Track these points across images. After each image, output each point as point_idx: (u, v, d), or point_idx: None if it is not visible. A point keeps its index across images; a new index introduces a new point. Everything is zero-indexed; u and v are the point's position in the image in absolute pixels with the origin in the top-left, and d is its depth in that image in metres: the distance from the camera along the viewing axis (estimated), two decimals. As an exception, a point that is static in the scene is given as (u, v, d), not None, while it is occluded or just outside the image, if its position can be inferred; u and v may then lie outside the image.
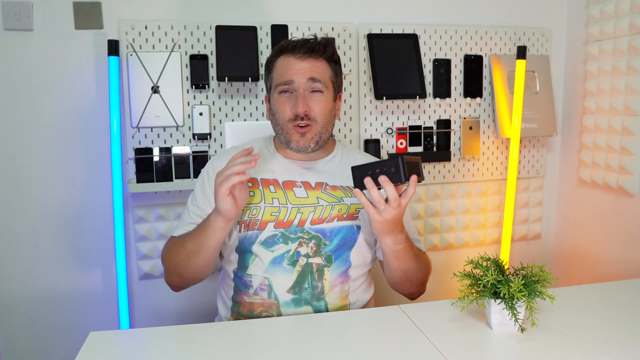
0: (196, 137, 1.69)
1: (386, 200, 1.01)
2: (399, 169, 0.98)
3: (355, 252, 1.18)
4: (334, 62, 1.21)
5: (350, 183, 1.22)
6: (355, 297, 1.20)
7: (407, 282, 1.19)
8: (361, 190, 1.02)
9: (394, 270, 1.16)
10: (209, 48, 1.69)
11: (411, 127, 1.87)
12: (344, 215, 1.18)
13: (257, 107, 1.75)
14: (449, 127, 1.90)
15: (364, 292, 1.23)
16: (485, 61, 1.92)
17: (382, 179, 0.98)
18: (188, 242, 1.13)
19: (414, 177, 1.00)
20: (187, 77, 1.68)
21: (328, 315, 1.12)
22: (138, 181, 1.64)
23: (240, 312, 1.18)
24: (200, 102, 1.70)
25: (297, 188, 1.19)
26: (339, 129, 1.83)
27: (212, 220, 1.08)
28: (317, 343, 0.97)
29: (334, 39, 1.77)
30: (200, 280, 1.19)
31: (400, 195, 1.01)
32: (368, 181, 1.00)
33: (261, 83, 1.73)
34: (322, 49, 1.17)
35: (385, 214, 1.02)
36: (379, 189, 1.00)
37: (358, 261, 1.18)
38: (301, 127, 1.16)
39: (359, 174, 1.02)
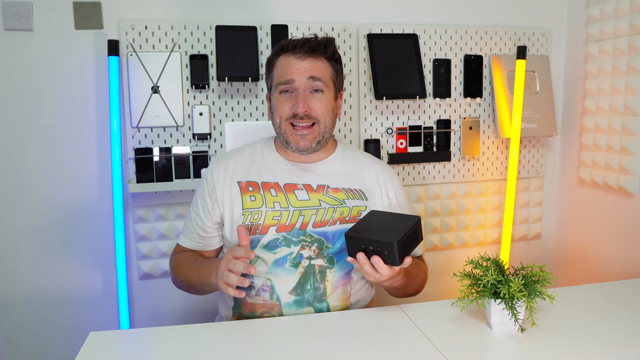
0: (196, 137, 1.69)
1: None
2: (394, 254, 0.96)
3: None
4: (335, 61, 1.21)
5: (352, 185, 1.22)
6: (357, 299, 1.20)
7: (402, 293, 1.22)
8: (354, 258, 1.01)
9: (389, 291, 1.21)
10: (209, 48, 1.69)
11: (411, 127, 1.87)
12: (346, 218, 1.18)
13: (257, 107, 1.75)
14: (449, 127, 1.90)
15: (365, 293, 1.23)
16: (485, 61, 1.92)
17: (375, 260, 0.98)
18: (190, 278, 1.18)
19: (408, 260, 0.99)
20: (187, 77, 1.68)
21: (328, 315, 1.12)
22: (138, 181, 1.64)
23: (242, 312, 1.17)
24: (200, 102, 1.70)
25: (298, 191, 1.19)
26: (339, 129, 1.83)
27: (211, 282, 1.10)
28: (317, 343, 0.97)
29: (334, 38, 1.77)
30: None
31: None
32: (361, 258, 0.99)
33: (261, 83, 1.73)
34: (323, 48, 1.18)
35: (379, 280, 1.04)
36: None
37: None
38: (301, 126, 1.16)
39: (353, 245, 1.00)
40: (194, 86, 1.67)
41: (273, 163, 1.22)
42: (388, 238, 0.96)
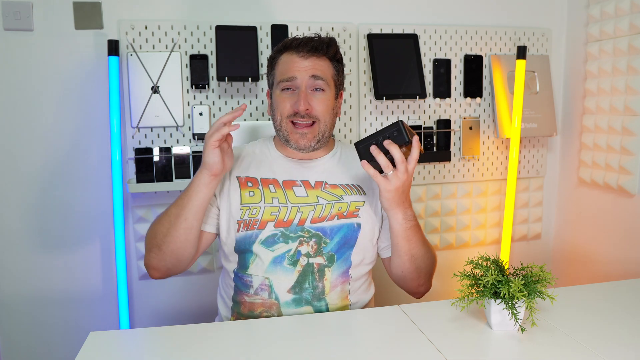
0: (196, 137, 1.69)
1: (394, 166, 1.04)
2: (401, 131, 1.02)
3: (356, 251, 1.18)
4: (337, 61, 1.22)
5: (350, 181, 1.22)
6: (356, 298, 1.20)
7: (415, 271, 1.17)
8: (368, 162, 1.05)
9: (404, 254, 1.14)
10: (209, 48, 1.69)
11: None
12: (344, 214, 1.18)
13: (257, 107, 1.75)
14: (449, 127, 1.90)
15: (364, 292, 1.23)
16: (485, 61, 1.92)
17: (387, 142, 1.02)
18: (171, 207, 1.13)
19: (416, 138, 1.05)
20: (187, 77, 1.68)
21: (328, 315, 1.12)
22: (138, 181, 1.64)
23: (241, 312, 1.18)
24: (200, 102, 1.70)
25: (296, 187, 1.19)
26: (339, 129, 1.83)
27: (197, 176, 1.09)
28: (317, 343, 0.97)
29: (334, 38, 1.77)
30: (178, 260, 1.13)
31: (406, 160, 1.04)
32: (374, 149, 1.03)
33: (261, 83, 1.73)
34: (326, 47, 1.19)
35: (394, 180, 1.04)
36: (387, 156, 1.03)
37: (358, 260, 1.18)
38: (301, 125, 1.16)
39: (364, 145, 1.06)
40: (194, 86, 1.67)
41: (272, 160, 1.23)
42: (392, 124, 1.03)
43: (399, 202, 1.08)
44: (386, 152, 1.03)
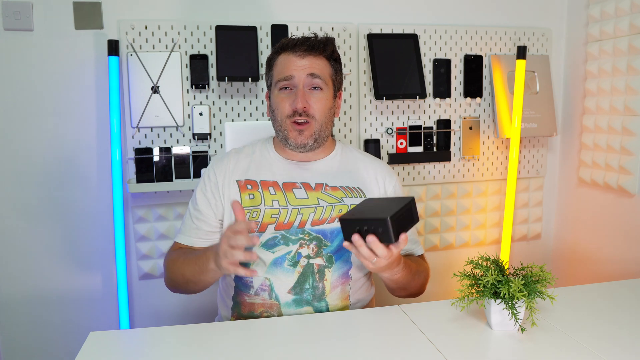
0: (196, 137, 1.69)
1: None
2: (388, 230, 0.94)
3: None
4: (334, 60, 1.22)
5: (350, 183, 1.22)
6: (356, 298, 1.20)
7: (405, 293, 1.22)
8: (350, 242, 0.99)
9: (393, 290, 1.20)
10: (209, 48, 1.69)
11: (411, 127, 1.87)
12: None
13: (257, 107, 1.75)
14: (449, 127, 1.90)
15: (364, 292, 1.23)
16: (485, 61, 1.92)
17: (370, 239, 0.95)
18: (186, 271, 1.14)
19: (403, 236, 0.97)
20: (187, 77, 1.68)
21: (328, 315, 1.12)
22: (138, 181, 1.64)
23: (241, 312, 1.17)
24: (200, 102, 1.70)
25: (297, 189, 1.19)
26: (339, 129, 1.83)
27: (210, 268, 1.05)
28: (317, 343, 0.97)
29: (333, 38, 1.77)
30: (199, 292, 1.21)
31: (389, 248, 0.98)
32: (357, 239, 0.97)
33: (261, 83, 1.73)
34: (322, 46, 1.19)
35: (378, 264, 1.00)
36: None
37: (359, 262, 1.18)
38: (299, 123, 1.16)
39: (348, 227, 0.99)
40: (194, 86, 1.67)
41: (272, 162, 1.23)
42: (381, 215, 0.95)
43: (385, 271, 1.07)
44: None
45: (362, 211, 1.02)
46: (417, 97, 1.79)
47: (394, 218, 0.94)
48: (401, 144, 1.86)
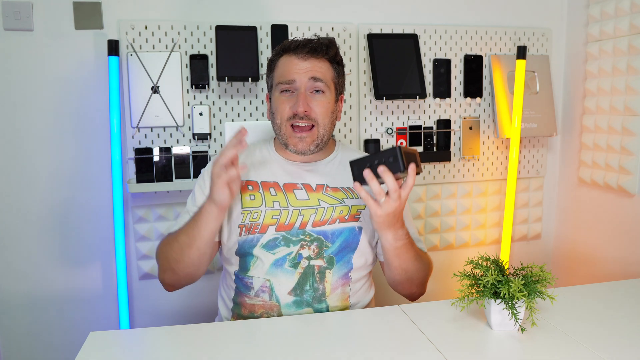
0: (196, 137, 1.69)
1: (387, 193, 1.01)
2: (397, 158, 0.97)
3: (357, 255, 1.17)
4: (337, 63, 1.21)
5: (351, 184, 1.22)
6: (357, 299, 1.20)
7: (407, 281, 1.17)
8: (361, 184, 1.02)
9: (395, 268, 1.14)
10: (209, 48, 1.69)
11: (411, 127, 1.87)
12: (346, 217, 1.18)
13: (257, 107, 1.75)
14: (449, 127, 1.90)
15: (365, 293, 1.22)
16: (485, 61, 1.92)
17: (382, 169, 0.98)
18: (181, 235, 1.12)
19: (412, 166, 0.99)
20: (187, 77, 1.68)
21: (328, 315, 1.12)
22: (138, 181, 1.64)
23: (241, 313, 1.17)
24: (200, 102, 1.70)
25: (298, 190, 1.19)
26: (339, 129, 1.83)
27: (206, 209, 1.07)
28: (317, 343, 0.97)
29: (334, 39, 1.77)
30: (193, 278, 1.17)
31: (400, 187, 1.01)
32: (367, 173, 0.99)
33: (261, 83, 1.73)
34: (325, 49, 1.17)
35: (386, 207, 1.01)
36: (379, 182, 1.00)
37: (359, 263, 1.18)
38: (300, 127, 1.15)
39: (358, 167, 1.02)
40: (194, 86, 1.67)
41: (272, 163, 1.22)
42: (390, 149, 0.98)
43: (389, 225, 1.06)
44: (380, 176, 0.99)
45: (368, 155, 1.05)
46: (417, 97, 1.79)
47: (400, 148, 0.98)
48: (401, 144, 1.86)
